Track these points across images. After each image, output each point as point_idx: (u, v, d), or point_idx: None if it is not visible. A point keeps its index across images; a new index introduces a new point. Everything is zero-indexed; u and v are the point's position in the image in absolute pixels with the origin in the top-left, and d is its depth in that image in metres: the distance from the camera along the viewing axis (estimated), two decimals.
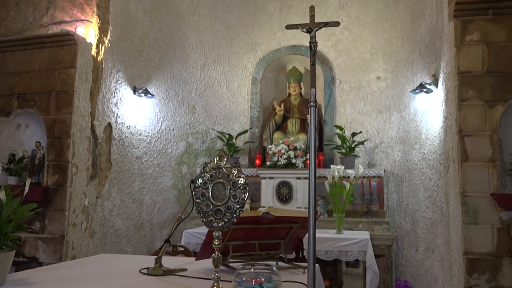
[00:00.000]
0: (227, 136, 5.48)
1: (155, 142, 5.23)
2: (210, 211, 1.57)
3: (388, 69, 5.28)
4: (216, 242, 1.57)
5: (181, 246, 4.05)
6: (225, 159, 1.59)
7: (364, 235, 4.41)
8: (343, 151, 5.20)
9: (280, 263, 2.22)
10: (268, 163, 5.23)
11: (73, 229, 4.02)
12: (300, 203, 5.05)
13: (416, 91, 4.39)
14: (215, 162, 1.60)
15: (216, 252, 1.57)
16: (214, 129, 5.65)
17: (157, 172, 5.24)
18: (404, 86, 5.03)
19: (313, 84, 1.73)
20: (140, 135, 5.02)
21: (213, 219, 1.57)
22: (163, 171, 5.30)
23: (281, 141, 5.45)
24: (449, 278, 3.62)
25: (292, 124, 5.72)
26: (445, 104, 3.71)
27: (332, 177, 4.49)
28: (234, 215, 1.55)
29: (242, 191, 1.55)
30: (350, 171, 4.53)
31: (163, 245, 2.08)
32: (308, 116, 6.03)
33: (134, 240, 4.92)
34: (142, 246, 5.02)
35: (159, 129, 5.30)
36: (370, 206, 4.92)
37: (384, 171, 5.05)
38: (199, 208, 1.60)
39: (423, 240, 4.52)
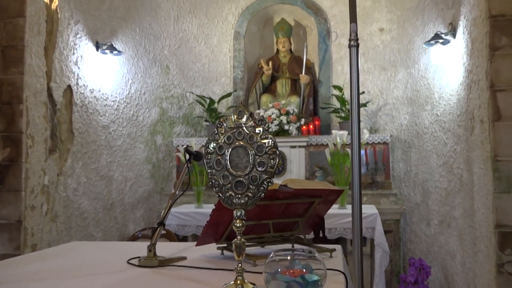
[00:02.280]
0: (207, 101, 5.31)
1: (124, 108, 5.05)
2: (228, 184, 1.38)
3: (393, 19, 5.10)
4: (238, 223, 1.36)
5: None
6: (245, 115, 1.37)
7: (371, 209, 4.32)
8: (342, 115, 5.06)
9: (297, 246, 2.08)
10: None
11: (32, 213, 3.78)
12: (295, 175, 4.93)
13: (431, 42, 4.21)
14: (233, 119, 1.38)
15: (239, 237, 1.36)
16: (192, 93, 5.46)
17: (128, 143, 5.08)
18: (413, 38, 4.87)
19: (353, 18, 1.50)
20: (106, 100, 4.83)
21: (232, 194, 1.38)
22: (134, 143, 5.15)
23: (270, 105, 5.29)
24: (472, 255, 3.54)
25: (282, 86, 5.59)
26: (469, 55, 3.54)
27: (334, 145, 4.33)
28: (261, 188, 1.37)
29: (271, 156, 1.36)
30: None
31: (157, 228, 1.88)
32: (301, 75, 5.86)
33: (104, 224, 4.77)
34: (113, 230, 4.87)
35: (128, 93, 5.11)
36: (375, 176, 4.83)
37: (391, 136, 4.93)
38: (213, 181, 1.38)
39: (436, 213, 4.44)
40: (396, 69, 5.08)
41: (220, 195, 1.38)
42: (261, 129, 1.37)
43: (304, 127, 5.16)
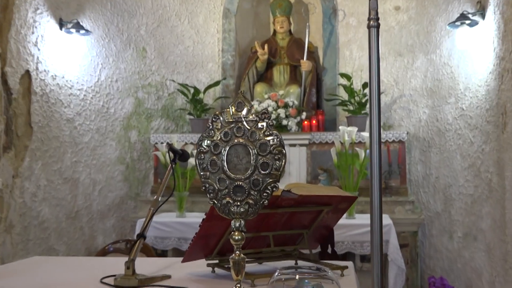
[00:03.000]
0: (191, 90, 5.30)
1: (92, 98, 5.04)
2: (225, 189, 1.38)
3: None
4: (236, 235, 1.36)
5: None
6: (246, 107, 1.36)
7: (384, 219, 4.33)
8: (351, 108, 5.07)
9: (301, 262, 2.06)
10: None
11: None
12: (294, 178, 4.93)
13: (456, 24, 4.22)
14: (231, 112, 1.37)
15: (237, 252, 1.36)
16: (173, 81, 5.45)
17: (96, 140, 5.08)
18: (434, 18, 4.89)
19: None
20: (71, 88, 4.81)
21: (230, 201, 1.38)
22: (104, 139, 5.15)
23: (266, 96, 5.30)
24: (503, 273, 3.56)
25: (280, 73, 5.60)
26: (501, 39, 3.56)
27: (341, 143, 4.34)
28: (264, 194, 1.37)
29: (276, 156, 1.36)
30: (365, 134, 4.38)
31: (137, 241, 1.86)
32: (302, 61, 5.89)
33: (68, 235, 4.76)
34: (78, 243, 4.86)
35: (98, 81, 5.09)
36: (388, 181, 4.84)
37: (407, 133, 4.95)
38: (207, 185, 1.38)
39: (460, 224, 4.47)
40: (414, 54, 5.09)
41: (215, 202, 1.38)
42: (264, 124, 1.36)
43: (305, 122, 5.17)
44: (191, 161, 4.29)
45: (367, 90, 5.08)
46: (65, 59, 4.72)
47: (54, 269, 2.10)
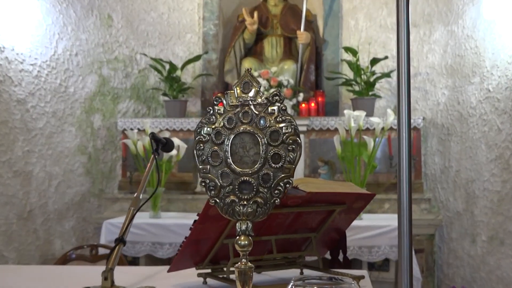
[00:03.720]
0: (166, 66, 5.30)
1: (47, 75, 5.01)
2: (229, 185, 1.37)
3: None
4: (243, 241, 1.37)
5: (104, 246, 3.89)
6: (254, 88, 1.37)
7: (394, 220, 4.36)
8: (356, 88, 5.11)
9: (307, 271, 2.10)
10: None
11: None
12: None
13: None
14: (236, 94, 1.38)
15: (243, 260, 1.37)
16: (144, 55, 5.44)
17: (53, 126, 5.06)
18: None
19: None
20: (22, 63, 4.79)
21: (235, 199, 1.38)
22: (62, 125, 5.13)
23: (256, 74, 5.29)
24: None
25: (272, 46, 5.61)
26: None
27: (346, 130, 4.37)
28: (276, 192, 1.36)
29: (290, 147, 1.36)
30: (375, 120, 4.41)
31: (116, 247, 1.87)
32: (299, 32, 5.90)
33: (19, 240, 4.75)
34: (31, 248, 4.85)
35: (54, 54, 5.07)
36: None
37: (423, 119, 4.99)
38: (207, 181, 1.38)
39: (484, 225, 4.53)
40: (432, 25, 5.12)
41: (217, 201, 1.37)
42: (276, 107, 1.35)
43: (302, 105, 5.19)
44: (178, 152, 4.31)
45: (376, 67, 5.12)
46: (14, 28, 4.68)
47: (11, 280, 2.09)
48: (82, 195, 5.24)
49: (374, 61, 5.08)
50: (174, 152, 4.31)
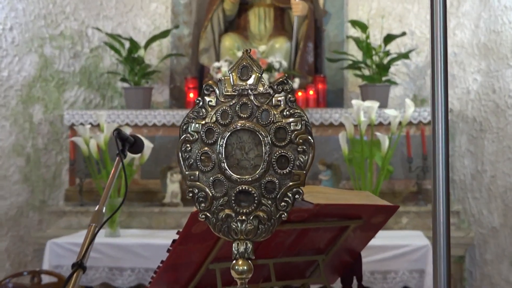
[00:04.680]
0: (125, 44, 5.32)
1: None
2: (224, 196, 1.39)
3: None
4: (241, 266, 1.40)
5: (49, 273, 3.90)
6: (255, 74, 1.40)
7: (418, 238, 4.42)
8: (367, 72, 5.13)
9: None
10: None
11: None
12: None
13: None
14: (232, 81, 1.40)
15: None
16: (97, 29, 5.42)
17: None
18: None
19: None
20: None
21: (232, 213, 1.41)
22: None
23: (239, 54, 5.29)
24: None
25: (259, 19, 5.64)
26: None
27: (355, 126, 4.39)
28: (282, 204, 1.39)
29: (300, 148, 1.38)
30: (390, 113, 4.43)
31: (74, 273, 1.88)
32: (293, 2, 5.91)
33: None
34: None
35: None
36: (422, 181, 4.92)
37: (450, 111, 5.02)
38: (195, 190, 1.41)
39: None
40: None
41: (209, 215, 1.39)
42: (282, 98, 1.37)
43: (299, 93, 5.20)
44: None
45: (391, 46, 5.14)
46: None
47: None
48: (19, 208, 5.24)
49: (388, 39, 5.10)
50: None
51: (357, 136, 4.41)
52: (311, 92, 5.25)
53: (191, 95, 5.38)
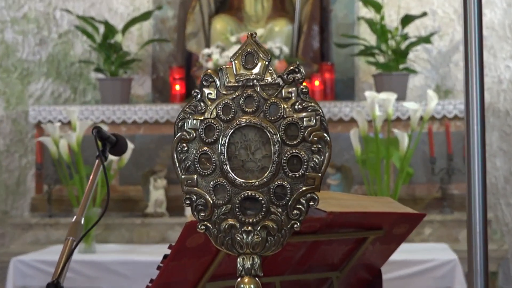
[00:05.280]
0: (100, 29, 5.34)
1: None
2: (227, 203, 1.39)
3: None
4: (246, 284, 1.41)
5: None
6: (262, 61, 1.40)
7: (443, 251, 4.43)
8: (381, 59, 5.14)
9: None
10: None
11: None
12: None
13: None
14: (235, 70, 1.40)
15: None
16: (67, 11, 5.41)
17: None
18: None
19: None
20: None
21: (236, 223, 1.40)
22: None
23: (232, 39, 5.32)
24: None
25: None
26: None
27: (369, 122, 4.41)
28: (295, 212, 1.38)
29: (315, 147, 1.37)
30: (410, 106, 4.45)
31: None
32: None
33: None
34: None
35: None
36: (447, 185, 4.93)
37: None
38: (193, 198, 1.41)
39: None
40: None
41: (209, 226, 1.40)
42: (293, 89, 1.38)
43: (302, 84, 5.20)
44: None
45: (409, 29, 5.15)
46: None
47: None
48: None
49: (407, 20, 5.13)
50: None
51: (371, 133, 4.43)
52: (316, 83, 5.27)
53: (177, 87, 5.39)
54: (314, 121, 1.37)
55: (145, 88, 5.58)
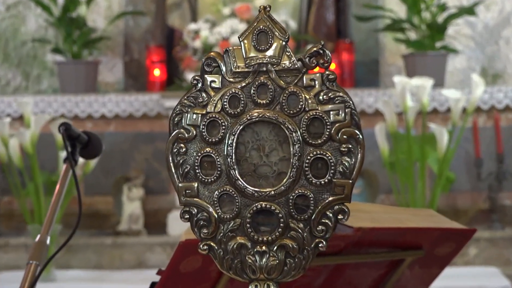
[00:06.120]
0: (57, 0, 5.29)
1: None
2: (236, 217, 1.42)
3: None
4: None
5: None
6: (278, 41, 1.43)
7: (492, 276, 4.45)
8: (413, 36, 5.17)
9: None
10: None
11: None
12: None
13: None
14: (244, 52, 1.44)
15: None
16: None
17: None
18: None
19: None
20: None
21: (247, 243, 1.43)
22: None
23: (225, 11, 5.34)
24: None
25: None
26: None
27: (398, 115, 4.44)
28: (320, 228, 1.40)
29: (343, 147, 1.41)
30: (450, 95, 4.48)
31: None
32: None
33: None
34: None
35: None
36: (496, 194, 4.94)
37: None
38: (193, 211, 1.44)
39: None
40: None
41: (214, 246, 1.42)
42: (317, 76, 1.39)
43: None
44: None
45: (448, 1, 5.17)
46: None
47: None
48: None
49: None
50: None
51: (401, 129, 4.45)
52: (332, 66, 5.29)
53: (156, 72, 5.41)
54: (343, 115, 1.39)
55: (116, 73, 5.57)
